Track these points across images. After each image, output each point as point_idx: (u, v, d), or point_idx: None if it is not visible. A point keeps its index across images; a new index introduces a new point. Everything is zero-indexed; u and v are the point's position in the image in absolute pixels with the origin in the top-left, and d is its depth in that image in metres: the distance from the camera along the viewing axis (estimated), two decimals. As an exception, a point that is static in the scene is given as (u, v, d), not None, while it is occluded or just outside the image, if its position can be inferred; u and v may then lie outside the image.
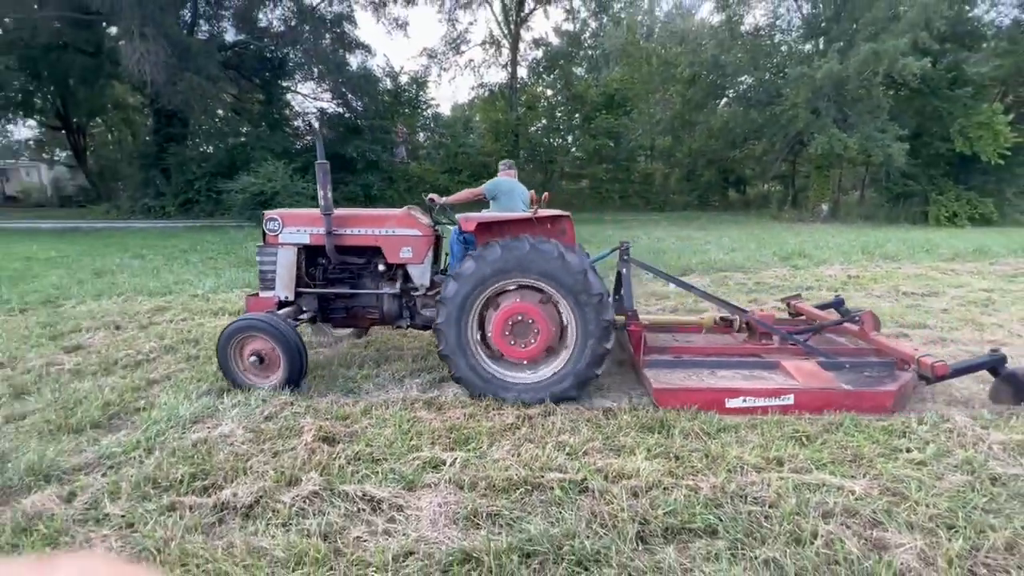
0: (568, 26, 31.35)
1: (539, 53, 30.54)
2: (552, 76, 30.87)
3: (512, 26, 29.63)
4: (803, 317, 5.12)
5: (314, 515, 2.45)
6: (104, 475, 2.83)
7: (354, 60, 25.61)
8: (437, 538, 2.30)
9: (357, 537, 2.31)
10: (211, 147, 24.39)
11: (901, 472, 2.73)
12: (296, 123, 27.49)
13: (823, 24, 21.85)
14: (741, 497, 2.56)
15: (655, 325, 4.96)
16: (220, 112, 24.34)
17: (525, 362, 3.78)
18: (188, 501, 2.56)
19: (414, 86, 28.26)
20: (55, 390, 3.96)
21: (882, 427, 3.23)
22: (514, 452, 3.00)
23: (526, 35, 30.52)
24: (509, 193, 5.10)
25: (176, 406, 3.57)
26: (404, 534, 2.33)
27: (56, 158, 38.10)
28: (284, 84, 26.27)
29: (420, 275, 4.21)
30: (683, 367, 4.07)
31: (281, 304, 4.34)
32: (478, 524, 2.41)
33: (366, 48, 25.98)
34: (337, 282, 4.49)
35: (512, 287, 3.72)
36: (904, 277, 8.43)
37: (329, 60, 23.49)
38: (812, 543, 2.22)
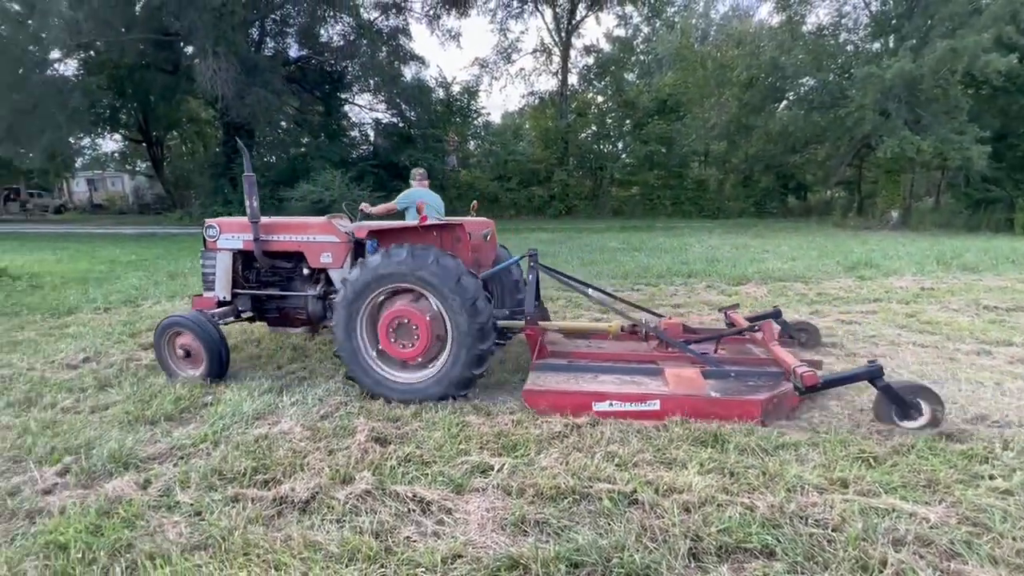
0: (620, 32, 31.15)
1: (590, 60, 30.50)
2: (603, 82, 30.70)
3: (563, 34, 29.71)
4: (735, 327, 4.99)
5: (367, 513, 2.52)
6: (175, 465, 3.01)
7: (408, 71, 26.43)
8: (485, 543, 2.31)
9: (407, 537, 2.36)
10: (274, 157, 25.70)
11: (983, 501, 2.52)
12: (353, 133, 28.56)
13: (893, 21, 20.70)
14: (801, 518, 2.44)
15: (565, 330, 4.92)
16: (283, 124, 25.62)
17: (410, 362, 3.93)
18: (250, 493, 2.69)
19: (465, 95, 28.80)
20: (133, 384, 4.27)
21: (960, 451, 3.00)
22: (562, 460, 2.98)
23: (577, 42, 30.55)
24: (422, 203, 5.27)
25: (240, 403, 3.76)
26: (453, 537, 2.35)
27: (137, 169, 41.16)
28: (342, 96, 27.37)
29: (339, 278, 4.32)
30: (571, 371, 4.08)
31: (220, 304, 4.70)
32: (525, 531, 2.41)
33: (420, 60, 26.74)
34: (268, 284, 4.81)
35: (410, 292, 3.89)
36: (985, 290, 7.80)
37: (385, 72, 24.31)
38: (881, 571, 2.09)
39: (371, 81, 25.66)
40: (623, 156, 29.57)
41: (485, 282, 4.56)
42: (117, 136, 34.05)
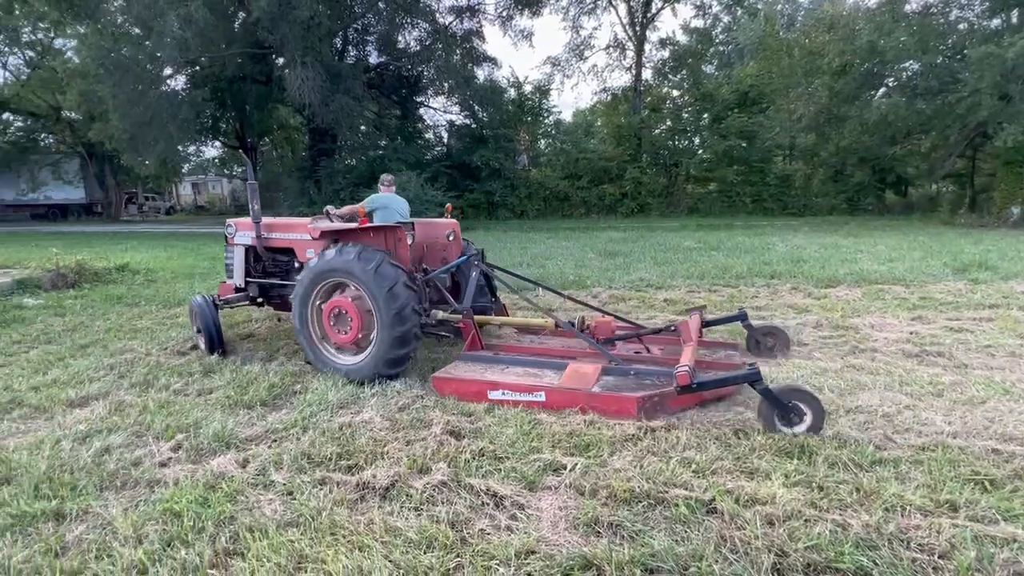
0: (698, 22, 29.93)
1: (665, 53, 29.49)
2: (679, 76, 29.64)
3: (637, 28, 28.98)
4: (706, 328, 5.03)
5: (443, 503, 2.61)
6: (270, 447, 3.26)
7: (481, 73, 26.79)
8: (557, 541, 2.32)
9: (481, 529, 2.41)
10: (354, 160, 26.98)
11: None
12: (427, 135, 29.42)
13: (1017, -6, 18.41)
14: (902, 541, 2.25)
15: (503, 324, 5.36)
16: (363, 128, 26.84)
17: (348, 346, 4.44)
18: (336, 477, 2.86)
19: (537, 94, 28.83)
20: (233, 371, 4.65)
21: (1099, 479, 2.64)
22: (636, 463, 2.92)
23: (652, 36, 29.66)
24: (384, 208, 5.66)
25: (326, 392, 4.01)
26: (526, 532, 2.38)
27: (234, 173, 44.74)
28: (418, 100, 28.26)
29: None
30: (488, 362, 4.40)
31: (237, 289, 5.49)
32: (599, 532, 2.39)
33: (493, 61, 27.03)
34: (271, 275, 5.51)
35: (347, 285, 4.40)
36: None
37: (458, 75, 24.81)
38: (998, 607, 1.88)
39: (445, 84, 26.29)
40: (700, 151, 28.39)
41: (453, 278, 5.43)
42: (217, 143, 37.12)
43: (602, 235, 16.18)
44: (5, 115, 30.92)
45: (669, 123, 28.25)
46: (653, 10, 28.62)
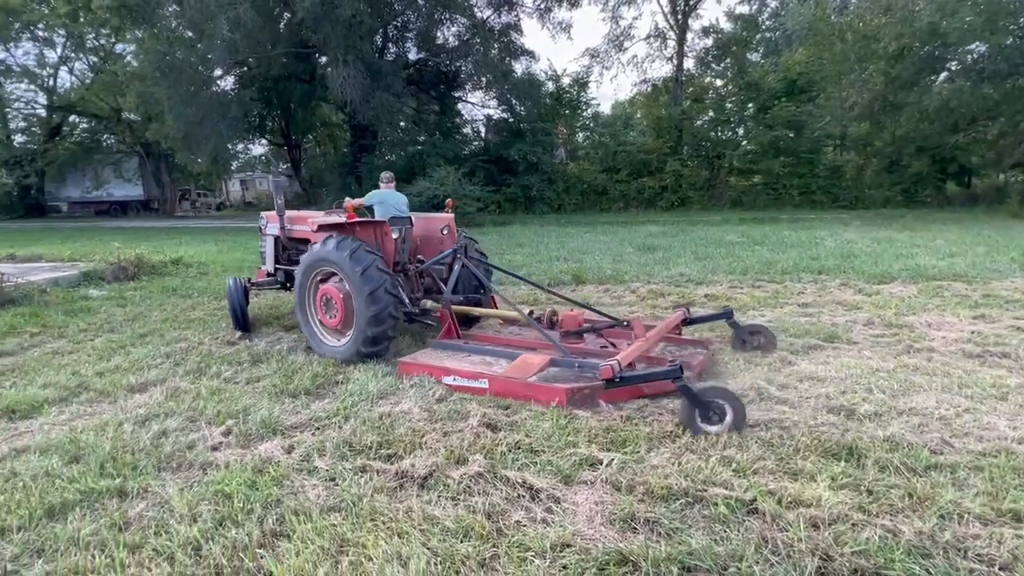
0: (743, 8, 28.96)
1: (708, 41, 28.71)
2: (723, 65, 28.76)
3: (679, 16, 28.26)
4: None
5: (479, 494, 2.64)
6: (313, 434, 3.37)
7: (519, 66, 26.71)
8: (593, 535, 2.32)
9: (517, 521, 2.43)
10: (394, 155, 27.43)
11: None
12: (465, 130, 29.60)
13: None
14: (958, 551, 2.14)
15: (485, 315, 5.55)
16: (402, 124, 27.25)
17: (335, 329, 4.84)
18: (376, 465, 2.94)
19: (575, 87, 28.53)
20: (279, 360, 4.84)
21: None
22: (674, 460, 2.88)
23: (694, 24, 28.89)
24: (384, 202, 5.93)
25: (366, 382, 4.11)
26: (561, 526, 2.38)
27: (279, 169, 46.24)
28: (456, 95, 28.45)
29: None
30: (454, 350, 4.69)
31: (268, 275, 6.10)
32: (635, 528, 2.37)
33: (530, 54, 26.91)
34: (294, 262, 5.64)
35: (334, 274, 4.80)
36: None
37: (496, 69, 24.81)
38: (1066, 624, 1.77)
39: (483, 78, 26.36)
40: (744, 143, 27.50)
41: (450, 268, 5.50)
42: (263, 141, 38.44)
43: (641, 229, 15.93)
44: (72, 117, 32.91)
45: (712, 114, 27.46)
46: (696, -3, 27.84)
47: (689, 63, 29.17)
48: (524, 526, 2.41)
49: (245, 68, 25.44)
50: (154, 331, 6.05)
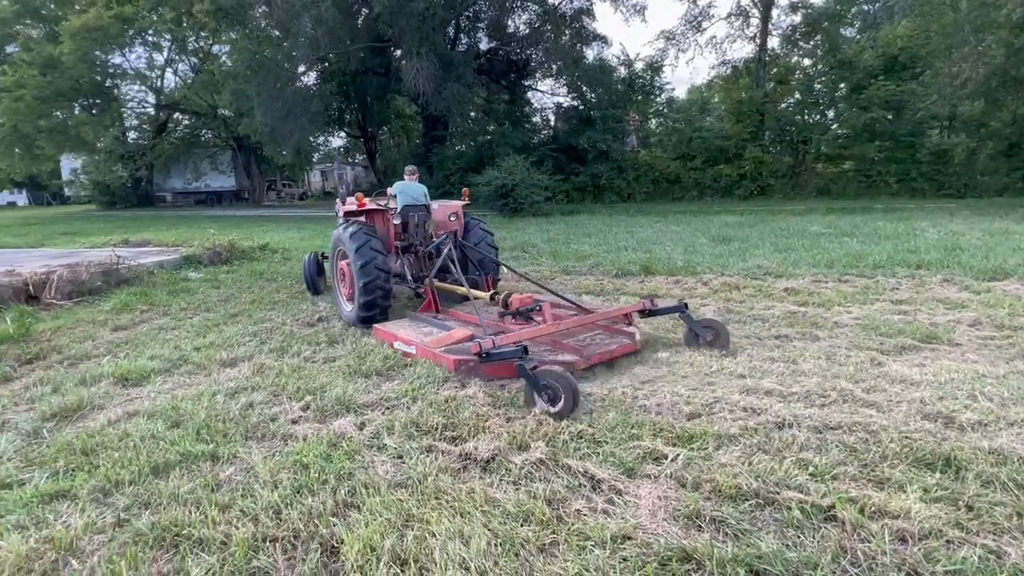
0: (837, -20, 26.62)
1: (796, 18, 26.64)
2: (812, 43, 26.68)
3: (764, -9, 26.49)
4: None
5: (540, 481, 2.66)
6: (383, 413, 3.53)
7: (590, 52, 26.17)
8: (656, 530, 2.27)
9: (578, 510, 2.43)
10: (463, 145, 27.85)
11: None
12: (535, 119, 29.49)
13: None
14: (1077, 580, 1.90)
15: (461, 293, 5.72)
16: (472, 114, 27.57)
17: (348, 298, 5.84)
18: (441, 446, 3.03)
19: (649, 72, 27.59)
20: (353, 342, 5.08)
21: None
22: (744, 460, 2.76)
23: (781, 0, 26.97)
24: (403, 192, 6.52)
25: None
26: (623, 518, 2.35)
27: (356, 161, 48.34)
28: (526, 83, 28.37)
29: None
30: (421, 322, 5.30)
31: None
32: (700, 526, 2.30)
33: (603, 39, 26.29)
34: None
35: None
36: None
37: (567, 56, 24.47)
38: None
39: (553, 66, 26.11)
40: (834, 126, 25.49)
41: (464, 252, 6.30)
42: (342, 133, 40.27)
43: (716, 219, 15.23)
44: (176, 115, 36.04)
45: (798, 96, 25.63)
46: (783, -29, 25.98)
47: (773, 42, 27.31)
48: (584, 515, 2.40)
49: (326, 64, 26.68)
50: (243, 311, 6.54)
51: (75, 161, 36.65)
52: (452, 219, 6.52)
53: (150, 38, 31.62)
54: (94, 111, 31.33)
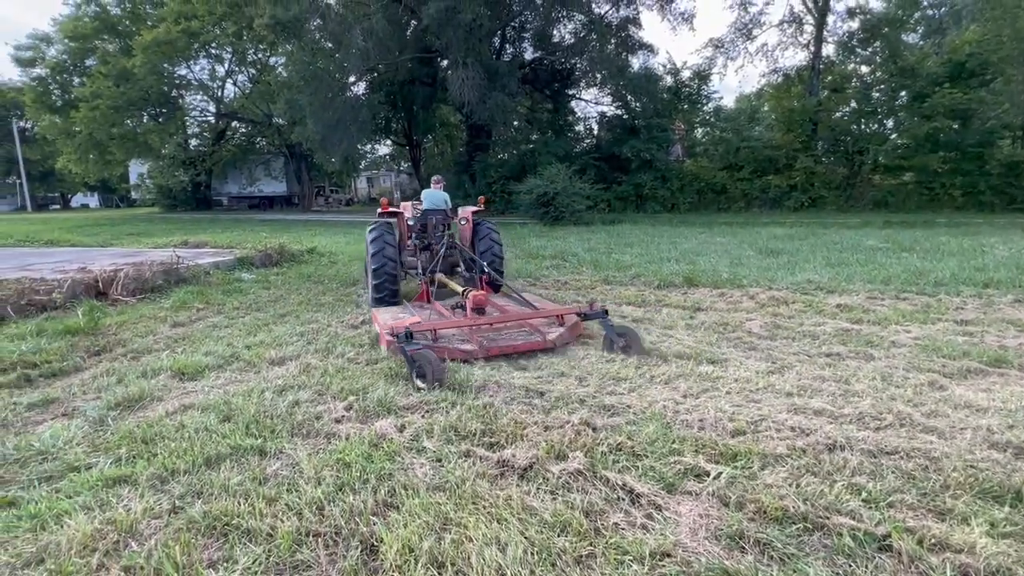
0: (899, -15, 25.54)
1: (854, 24, 25.66)
2: (870, 49, 25.63)
3: (820, -2, 25.66)
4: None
5: (578, 491, 2.63)
6: (423, 416, 3.58)
7: (636, 61, 25.98)
8: (696, 548, 2.21)
9: (615, 523, 2.40)
10: (506, 154, 28.07)
11: None
12: (578, 128, 29.46)
13: None
14: None
15: (448, 287, 6.64)
16: (515, 123, 27.79)
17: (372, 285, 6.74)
18: (479, 452, 3.05)
19: (696, 80, 27.14)
20: (395, 345, 5.18)
21: None
22: (791, 481, 2.65)
23: (837, 5, 26.17)
24: (427, 198, 7.52)
25: (471, 372, 4.27)
26: (662, 534, 2.30)
27: (401, 168, 49.49)
28: (570, 92, 28.40)
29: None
30: (410, 310, 5.97)
31: None
32: (743, 548, 2.22)
33: (649, 48, 26.04)
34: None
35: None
36: None
37: (612, 65, 24.36)
38: None
39: (598, 75, 26.04)
40: (893, 136, 24.36)
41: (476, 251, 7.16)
42: (388, 141, 41.33)
43: (763, 231, 14.78)
44: (234, 123, 37.91)
45: (854, 104, 24.64)
46: (841, -24, 25.11)
47: (828, 49, 26.41)
48: (623, 528, 2.36)
49: (375, 74, 27.49)
50: (291, 312, 6.78)
51: (142, 166, 39.07)
52: (463, 223, 7.46)
53: (213, 50, 33.42)
54: (160, 119, 33.28)
